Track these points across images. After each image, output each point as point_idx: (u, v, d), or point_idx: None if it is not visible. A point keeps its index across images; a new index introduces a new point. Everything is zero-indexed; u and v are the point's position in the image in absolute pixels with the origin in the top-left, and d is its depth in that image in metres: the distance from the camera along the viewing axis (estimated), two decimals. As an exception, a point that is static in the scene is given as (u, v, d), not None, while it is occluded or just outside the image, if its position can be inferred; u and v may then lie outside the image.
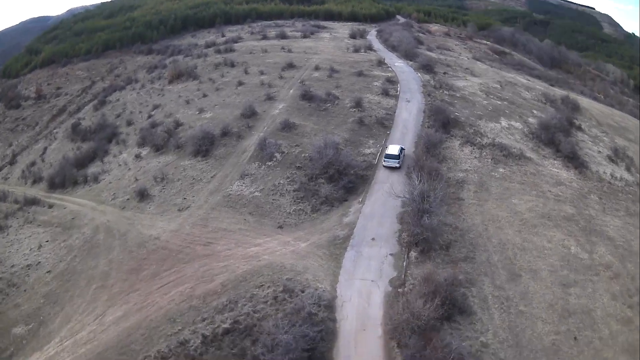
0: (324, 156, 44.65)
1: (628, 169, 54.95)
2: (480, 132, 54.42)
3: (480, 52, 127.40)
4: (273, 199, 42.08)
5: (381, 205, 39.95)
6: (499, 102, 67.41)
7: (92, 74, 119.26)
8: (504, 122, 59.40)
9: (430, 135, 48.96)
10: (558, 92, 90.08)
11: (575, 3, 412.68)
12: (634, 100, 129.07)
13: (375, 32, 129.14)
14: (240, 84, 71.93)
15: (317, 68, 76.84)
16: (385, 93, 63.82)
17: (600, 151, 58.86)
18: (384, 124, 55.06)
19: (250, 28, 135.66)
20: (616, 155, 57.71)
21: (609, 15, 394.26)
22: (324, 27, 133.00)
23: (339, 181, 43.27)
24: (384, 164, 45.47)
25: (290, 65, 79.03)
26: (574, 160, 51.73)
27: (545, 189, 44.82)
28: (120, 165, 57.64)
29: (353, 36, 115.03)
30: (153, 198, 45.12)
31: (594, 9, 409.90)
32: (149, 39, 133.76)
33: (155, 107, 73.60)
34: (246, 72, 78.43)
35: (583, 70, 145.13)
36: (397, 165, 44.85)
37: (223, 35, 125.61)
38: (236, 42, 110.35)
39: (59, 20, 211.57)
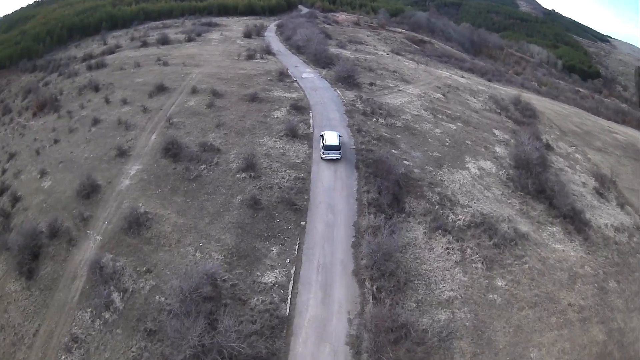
0: (191, 327, 22.62)
1: (621, 206, 43.61)
2: (448, 197, 34.35)
3: (397, 44, 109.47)
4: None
5: None
6: (453, 127, 48.09)
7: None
8: (472, 167, 40.03)
9: (380, 240, 27.23)
10: (503, 91, 74.05)
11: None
12: (566, 84, 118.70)
13: (275, 28, 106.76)
14: (95, 122, 48.70)
15: (194, 91, 52.84)
16: (292, 134, 41.40)
17: (584, 182, 46.48)
18: (294, 204, 32.54)
19: (134, 32, 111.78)
20: (602, 186, 46.28)
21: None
22: (216, 25, 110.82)
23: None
24: (322, 156, 37.89)
25: (161, 88, 54.69)
26: (574, 219, 36.82)
27: (564, 302, 28.82)
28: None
29: (248, 35, 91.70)
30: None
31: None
32: (35, 53, 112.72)
33: (11, 156, 51.24)
34: (107, 102, 54.24)
35: (506, 53, 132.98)
36: (339, 156, 37.92)
37: (105, 43, 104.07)
38: (113, 53, 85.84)
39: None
